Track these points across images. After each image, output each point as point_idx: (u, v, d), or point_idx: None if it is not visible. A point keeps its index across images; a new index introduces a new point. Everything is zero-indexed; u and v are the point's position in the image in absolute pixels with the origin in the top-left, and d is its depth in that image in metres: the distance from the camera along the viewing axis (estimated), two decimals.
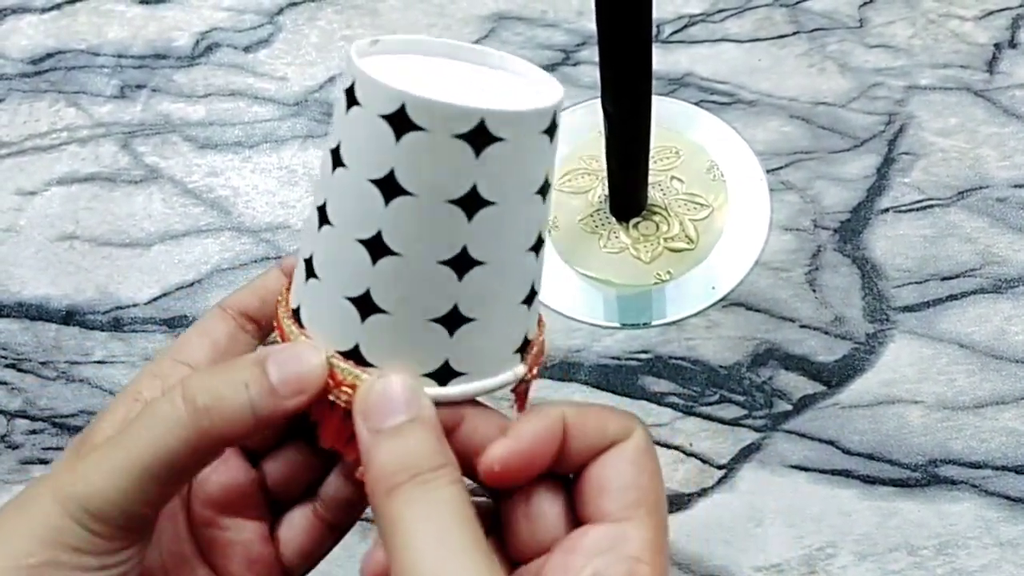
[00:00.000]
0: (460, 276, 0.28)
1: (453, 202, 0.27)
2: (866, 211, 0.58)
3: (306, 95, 0.67)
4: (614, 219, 0.59)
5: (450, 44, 0.31)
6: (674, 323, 0.56)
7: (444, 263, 0.27)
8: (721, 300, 0.56)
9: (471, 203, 0.27)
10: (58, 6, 0.72)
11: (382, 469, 0.27)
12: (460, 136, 0.26)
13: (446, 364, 0.29)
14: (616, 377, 0.54)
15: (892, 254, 0.57)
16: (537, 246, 0.29)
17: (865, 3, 0.65)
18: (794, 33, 0.65)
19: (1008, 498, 0.50)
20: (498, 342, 0.30)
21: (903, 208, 0.58)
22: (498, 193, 0.27)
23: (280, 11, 0.70)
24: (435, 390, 0.29)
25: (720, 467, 0.52)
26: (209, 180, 0.64)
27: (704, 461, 0.52)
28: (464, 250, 0.27)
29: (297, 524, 0.35)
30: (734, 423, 0.53)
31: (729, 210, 0.59)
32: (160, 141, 0.65)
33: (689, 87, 0.63)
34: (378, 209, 0.27)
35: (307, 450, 0.35)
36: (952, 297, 0.55)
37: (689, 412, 0.53)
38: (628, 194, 0.58)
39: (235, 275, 0.60)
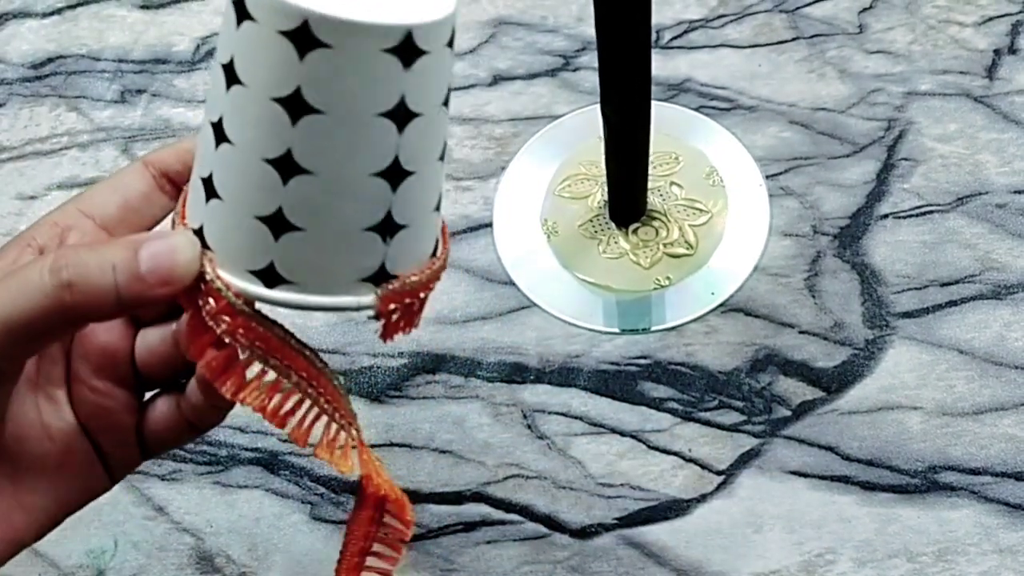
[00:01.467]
0: (284, 179, 0.28)
1: (277, 100, 0.27)
2: (865, 217, 0.58)
3: None
4: (613, 224, 0.59)
5: None
6: (673, 329, 0.56)
7: (268, 161, 0.27)
8: (720, 306, 0.56)
9: (295, 106, 0.26)
10: (59, 11, 0.72)
11: None
12: (283, 33, 0.26)
13: (271, 267, 0.29)
14: (615, 383, 0.54)
15: (891, 260, 0.57)
16: (392, 174, 0.28)
17: (865, 9, 0.65)
18: (793, 39, 0.65)
19: (1008, 504, 0.50)
20: (332, 261, 0.29)
21: (902, 214, 0.58)
22: (324, 102, 0.26)
23: None
24: (259, 288, 0.29)
25: (719, 473, 0.52)
26: None
27: (703, 467, 0.52)
28: (288, 153, 0.27)
29: (160, 410, 0.35)
30: (733, 429, 0.53)
31: (728, 216, 0.59)
32: (160, 146, 0.65)
33: (688, 93, 0.64)
34: (222, 93, 0.28)
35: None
36: (952, 303, 0.55)
37: (688, 418, 0.53)
38: (627, 199, 0.58)
39: None
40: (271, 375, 0.31)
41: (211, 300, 0.29)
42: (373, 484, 0.33)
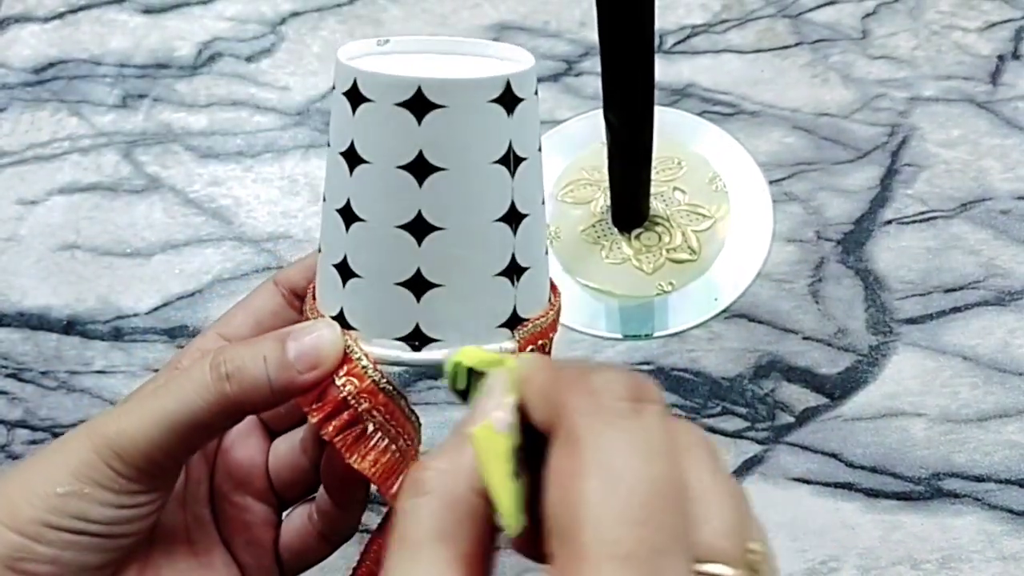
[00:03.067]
0: (419, 241, 0.30)
1: (403, 167, 0.29)
2: (869, 222, 0.58)
3: (308, 105, 0.67)
4: (616, 230, 0.59)
5: (443, 39, 0.34)
6: (676, 334, 0.56)
7: (402, 227, 0.30)
8: (723, 311, 0.56)
9: (419, 168, 0.29)
10: (60, 15, 0.72)
11: None
12: (400, 104, 0.28)
13: (417, 329, 0.31)
14: None
15: (895, 266, 0.56)
16: (511, 217, 0.31)
17: (868, 14, 0.65)
18: (797, 44, 0.65)
19: (1011, 512, 0.49)
20: (473, 312, 0.31)
21: (906, 220, 0.58)
22: (445, 159, 0.29)
23: (283, 21, 0.70)
24: (408, 354, 0.31)
25: None
26: (211, 190, 0.64)
27: None
28: (419, 215, 0.29)
29: (294, 523, 0.37)
30: (736, 435, 0.53)
31: (731, 221, 0.59)
32: (162, 151, 0.65)
33: (691, 98, 0.63)
34: (346, 178, 0.30)
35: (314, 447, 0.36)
36: (956, 309, 0.55)
37: None
38: (630, 205, 0.58)
39: (236, 285, 0.60)
40: (384, 441, 0.32)
41: (354, 380, 0.31)
42: None
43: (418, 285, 0.30)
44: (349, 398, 0.31)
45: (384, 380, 0.31)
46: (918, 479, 0.51)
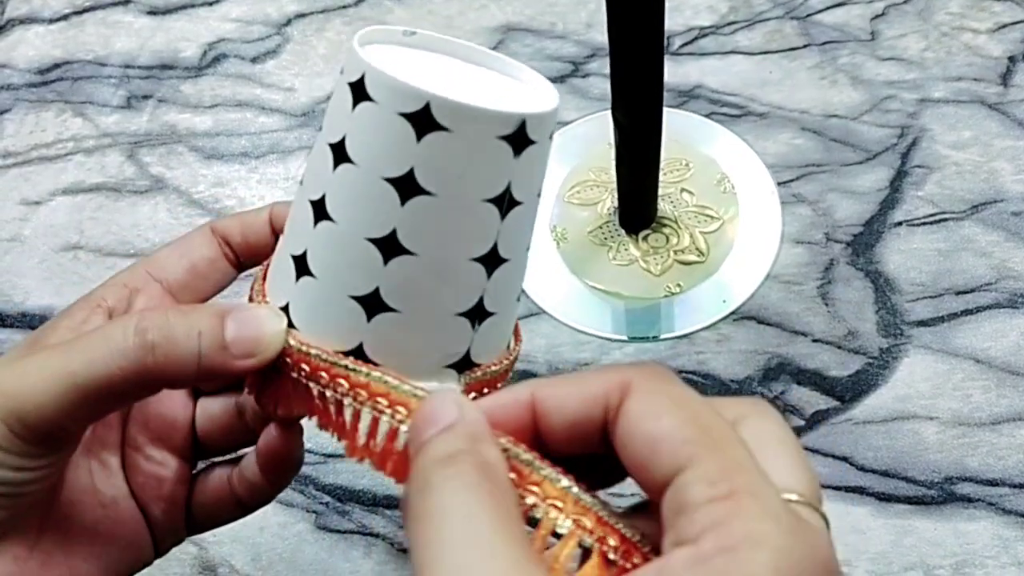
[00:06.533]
0: (385, 259, 0.27)
1: (389, 180, 0.27)
2: (879, 224, 0.57)
3: (313, 106, 0.66)
4: (624, 231, 0.59)
5: (471, 47, 0.30)
6: (684, 336, 0.55)
7: (371, 241, 0.27)
8: (732, 313, 0.55)
9: (406, 186, 0.27)
10: (65, 17, 0.72)
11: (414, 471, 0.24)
12: (403, 115, 0.26)
13: (360, 348, 0.29)
14: None
15: (906, 268, 0.56)
16: (489, 260, 0.28)
17: (877, 16, 0.65)
18: (805, 46, 0.64)
19: None
20: (422, 345, 0.29)
21: (917, 221, 0.57)
22: (436, 184, 0.27)
23: (288, 22, 0.70)
24: None
25: None
26: (215, 191, 0.63)
27: None
28: (393, 233, 0.27)
29: (212, 483, 0.35)
30: None
31: (740, 223, 0.58)
32: (166, 151, 0.65)
33: (700, 99, 0.63)
34: (328, 171, 0.28)
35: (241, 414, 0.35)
36: (967, 312, 0.54)
37: None
38: (638, 206, 0.57)
39: (240, 286, 0.59)
40: (362, 411, 0.29)
41: (304, 366, 0.28)
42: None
43: (373, 304, 0.28)
44: (305, 381, 0.28)
45: (338, 356, 0.29)
46: (930, 483, 0.50)
